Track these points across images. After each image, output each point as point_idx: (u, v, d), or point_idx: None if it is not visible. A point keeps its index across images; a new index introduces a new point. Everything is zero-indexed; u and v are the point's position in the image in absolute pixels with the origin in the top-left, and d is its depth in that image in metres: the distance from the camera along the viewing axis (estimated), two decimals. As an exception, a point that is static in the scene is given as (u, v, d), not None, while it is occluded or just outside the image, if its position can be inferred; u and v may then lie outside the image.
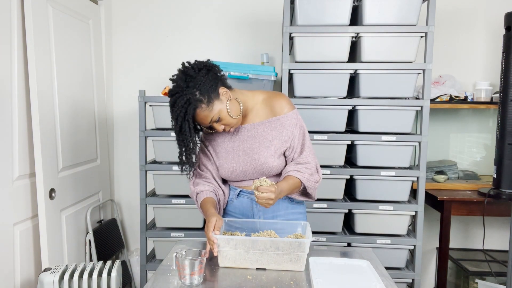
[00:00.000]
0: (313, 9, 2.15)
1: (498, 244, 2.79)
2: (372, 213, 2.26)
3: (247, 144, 1.51)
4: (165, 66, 2.83)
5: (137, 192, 2.69)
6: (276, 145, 1.50)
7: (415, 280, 2.27)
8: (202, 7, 2.80)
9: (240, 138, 1.53)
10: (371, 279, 1.25)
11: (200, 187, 1.53)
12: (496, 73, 2.68)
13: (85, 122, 2.50)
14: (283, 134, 1.50)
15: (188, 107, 1.34)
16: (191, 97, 1.35)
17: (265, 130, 1.51)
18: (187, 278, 1.23)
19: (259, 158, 1.49)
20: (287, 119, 1.50)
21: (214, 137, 1.57)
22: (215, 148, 1.56)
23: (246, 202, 1.58)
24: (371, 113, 2.21)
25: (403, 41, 2.17)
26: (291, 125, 1.50)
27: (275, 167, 1.50)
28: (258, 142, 1.50)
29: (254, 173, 1.51)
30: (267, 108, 1.52)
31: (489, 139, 2.77)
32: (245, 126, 1.53)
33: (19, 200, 1.96)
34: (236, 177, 1.54)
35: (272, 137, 1.50)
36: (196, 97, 1.35)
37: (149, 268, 2.40)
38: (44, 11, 2.04)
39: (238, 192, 1.58)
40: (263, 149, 1.49)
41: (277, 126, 1.50)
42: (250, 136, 1.52)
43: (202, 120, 1.40)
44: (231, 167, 1.52)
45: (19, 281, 1.94)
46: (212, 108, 1.38)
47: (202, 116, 1.38)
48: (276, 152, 1.49)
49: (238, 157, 1.52)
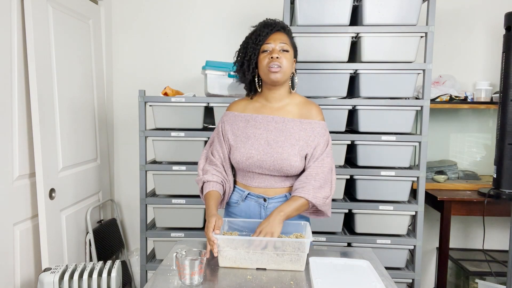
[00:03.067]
0: (313, 9, 2.15)
1: (498, 244, 2.80)
2: (372, 213, 2.25)
3: (272, 136, 1.49)
4: (165, 66, 2.83)
5: (137, 192, 2.69)
6: (301, 146, 1.48)
7: (415, 280, 2.27)
8: (202, 7, 2.80)
9: (265, 127, 1.51)
10: (371, 279, 1.25)
11: (209, 176, 1.52)
12: (496, 73, 2.68)
13: (85, 122, 2.50)
14: (310, 138, 1.49)
15: (280, 23, 1.51)
16: (287, 28, 1.54)
17: (294, 128, 1.50)
18: (187, 278, 1.23)
19: (282, 152, 1.46)
20: (318, 125, 1.51)
21: (236, 120, 1.55)
22: (235, 131, 1.54)
23: (254, 206, 1.55)
24: (371, 113, 2.21)
25: (403, 41, 2.17)
26: (320, 133, 1.51)
27: (295, 167, 1.47)
28: (284, 137, 1.49)
29: (271, 167, 1.48)
30: (303, 109, 1.54)
31: (489, 139, 2.78)
32: (274, 117, 1.52)
33: (19, 200, 1.96)
34: (249, 166, 1.49)
35: (299, 137, 1.49)
36: (288, 31, 1.54)
37: (149, 268, 2.40)
38: (44, 11, 2.04)
39: (246, 195, 1.55)
40: (288, 146, 1.48)
41: (307, 128, 1.50)
42: (277, 129, 1.50)
43: (278, 37, 1.48)
44: (248, 153, 1.48)
45: (19, 281, 1.94)
46: (289, 46, 1.50)
47: (281, 36, 1.49)
48: (299, 153, 1.48)
49: (259, 145, 1.49)
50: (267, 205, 1.53)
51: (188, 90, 2.71)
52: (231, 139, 1.54)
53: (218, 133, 1.59)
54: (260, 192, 1.54)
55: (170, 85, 2.71)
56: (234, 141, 1.53)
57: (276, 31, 1.49)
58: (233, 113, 1.58)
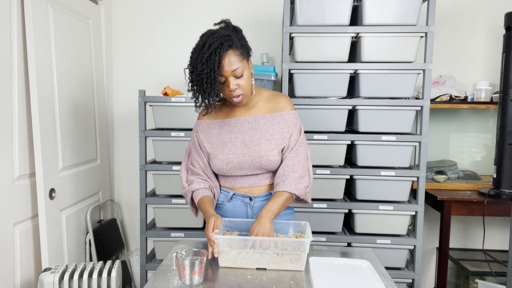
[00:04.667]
0: (313, 9, 2.15)
1: (498, 244, 2.80)
2: (372, 213, 2.25)
3: (247, 136, 1.50)
4: (165, 66, 2.83)
5: (137, 192, 2.69)
6: (277, 139, 1.50)
7: (415, 280, 2.27)
8: (202, 7, 2.80)
9: (239, 130, 1.52)
10: (371, 279, 1.25)
11: (196, 185, 1.52)
12: (496, 73, 2.68)
13: (85, 122, 2.50)
14: (284, 130, 1.50)
15: (225, 42, 1.34)
16: (232, 37, 1.36)
17: (267, 124, 1.51)
18: (187, 278, 1.23)
19: (260, 150, 1.48)
20: (289, 116, 1.52)
21: (210, 128, 1.55)
22: (211, 139, 1.54)
23: (240, 206, 1.55)
24: (371, 113, 2.21)
25: (403, 41, 2.17)
26: (292, 123, 1.52)
27: (274, 162, 1.49)
28: (259, 134, 1.50)
29: (251, 166, 1.49)
30: (271, 104, 1.54)
31: (489, 139, 2.77)
32: (246, 118, 1.53)
33: (19, 200, 1.96)
34: (230, 170, 1.51)
35: (273, 131, 1.50)
36: (235, 41, 1.37)
37: (149, 268, 2.40)
38: (44, 11, 2.04)
39: (231, 195, 1.56)
40: (264, 142, 1.49)
41: (280, 121, 1.51)
42: (251, 128, 1.51)
43: (228, 64, 1.35)
44: (227, 158, 1.49)
45: (19, 281, 1.94)
46: (242, 60, 1.39)
47: (231, 59, 1.36)
48: (276, 147, 1.49)
49: (236, 148, 1.50)
50: (253, 204, 1.54)
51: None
52: (208, 147, 1.54)
53: (194, 144, 1.58)
54: (246, 192, 1.55)
55: (170, 85, 2.71)
56: (212, 149, 1.53)
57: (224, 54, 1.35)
58: (205, 121, 1.57)
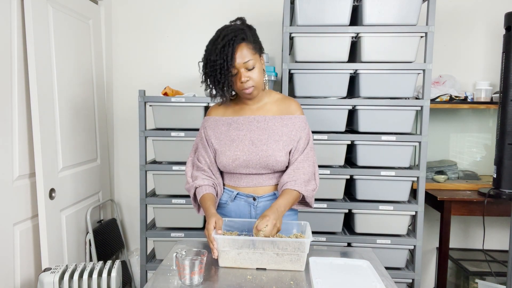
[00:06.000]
0: (313, 9, 2.15)
1: (498, 244, 2.79)
2: (372, 213, 2.25)
3: (255, 135, 1.51)
4: (165, 66, 2.83)
5: (137, 192, 2.69)
6: (285, 141, 1.51)
7: (415, 280, 2.27)
8: (201, 7, 2.80)
9: (247, 128, 1.53)
10: (371, 279, 1.25)
11: (199, 181, 1.52)
12: (496, 73, 2.68)
13: (85, 122, 2.50)
14: (292, 133, 1.52)
15: (239, 35, 1.39)
16: (246, 31, 1.42)
17: (276, 125, 1.52)
18: (187, 278, 1.23)
19: (267, 149, 1.49)
20: (299, 120, 1.54)
21: (218, 124, 1.56)
22: (218, 136, 1.55)
23: (243, 206, 1.56)
24: (371, 113, 2.21)
25: (403, 41, 2.17)
26: (301, 127, 1.54)
27: (281, 162, 1.50)
28: (267, 134, 1.51)
29: (257, 165, 1.50)
30: (282, 106, 1.56)
31: (489, 139, 2.77)
32: (255, 117, 1.53)
33: (19, 200, 1.96)
34: (236, 167, 1.51)
35: (282, 133, 1.51)
36: (248, 35, 1.41)
37: (149, 268, 2.40)
38: (44, 11, 2.04)
39: (235, 195, 1.56)
40: (272, 142, 1.50)
41: (289, 124, 1.53)
42: (260, 128, 1.52)
43: (240, 56, 1.39)
44: (234, 155, 1.50)
45: (19, 281, 1.94)
46: (254, 53, 1.43)
47: (243, 52, 1.40)
48: (284, 148, 1.50)
49: (244, 145, 1.51)
50: (257, 204, 1.54)
51: (188, 90, 2.71)
52: (215, 143, 1.55)
53: (201, 139, 1.58)
54: (250, 192, 1.55)
55: (170, 85, 2.71)
56: (219, 145, 1.54)
57: (237, 46, 1.39)
58: (214, 118, 1.58)
